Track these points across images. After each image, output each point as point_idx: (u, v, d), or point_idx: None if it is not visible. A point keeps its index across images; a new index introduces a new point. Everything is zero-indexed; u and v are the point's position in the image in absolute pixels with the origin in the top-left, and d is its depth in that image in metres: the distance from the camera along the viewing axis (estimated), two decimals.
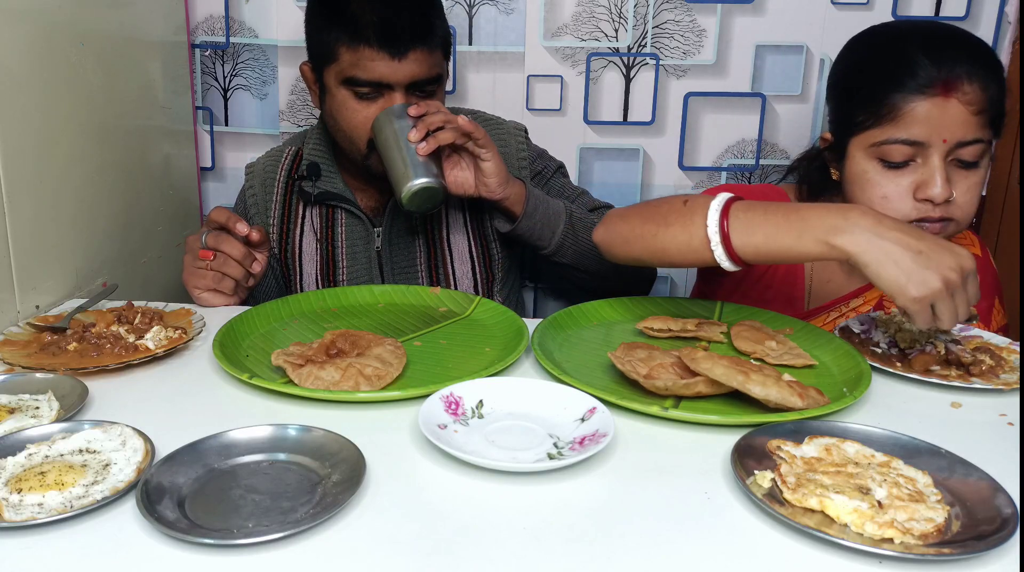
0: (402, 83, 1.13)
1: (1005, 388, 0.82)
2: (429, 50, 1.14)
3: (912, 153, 0.98)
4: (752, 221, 0.84)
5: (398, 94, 1.14)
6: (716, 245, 0.85)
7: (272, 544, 0.55)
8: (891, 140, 0.98)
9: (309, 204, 1.28)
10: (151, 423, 0.69)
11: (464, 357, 0.90)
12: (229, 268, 1.05)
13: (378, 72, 1.13)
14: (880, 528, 0.56)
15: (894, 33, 1.04)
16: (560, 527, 0.59)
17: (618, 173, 1.56)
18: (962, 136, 0.96)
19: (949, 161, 0.98)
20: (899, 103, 0.97)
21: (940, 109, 0.96)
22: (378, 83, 1.14)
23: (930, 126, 0.96)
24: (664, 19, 1.48)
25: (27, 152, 1.00)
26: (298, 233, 1.29)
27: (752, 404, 0.75)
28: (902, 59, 0.98)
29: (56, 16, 1.06)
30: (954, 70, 0.95)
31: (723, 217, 0.85)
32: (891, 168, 1.00)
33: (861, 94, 1.01)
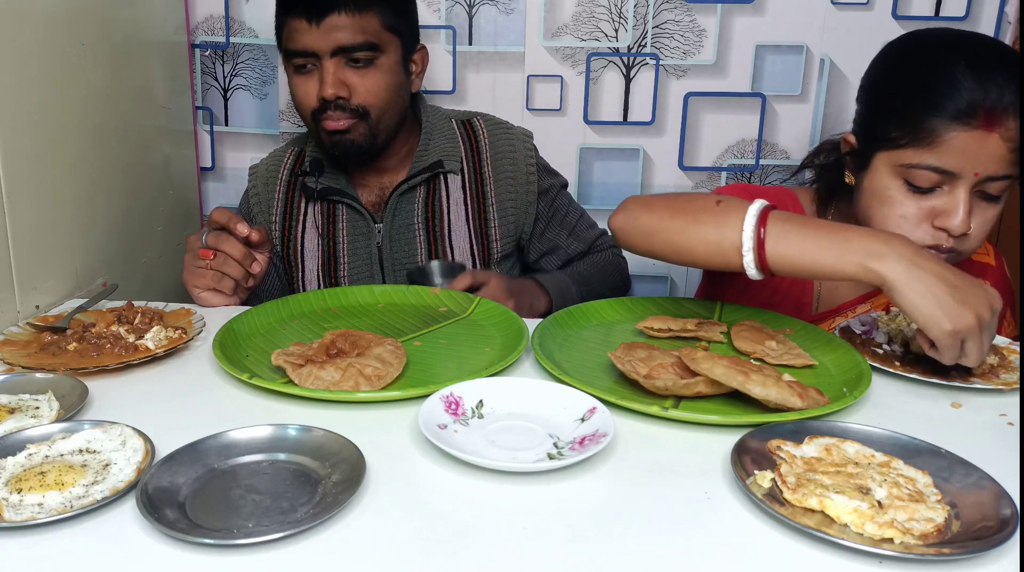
0: (325, 51, 1.14)
1: (1005, 388, 0.82)
2: (351, 14, 1.13)
3: (940, 180, 0.93)
4: (789, 233, 0.83)
5: (326, 62, 1.15)
6: (748, 251, 0.84)
7: (272, 544, 0.55)
8: (922, 165, 0.93)
9: (312, 200, 1.28)
10: (151, 423, 0.69)
11: (464, 357, 0.90)
12: (229, 268, 1.05)
13: (301, 41, 1.14)
14: (880, 528, 0.56)
15: (940, 47, 0.96)
16: (560, 527, 0.58)
17: (618, 173, 1.56)
18: (995, 171, 0.91)
19: (974, 192, 0.94)
20: (938, 129, 0.91)
21: (979, 142, 0.90)
22: (304, 52, 1.15)
23: (965, 158, 0.91)
24: (664, 19, 1.48)
25: (27, 152, 1.00)
26: (300, 230, 1.29)
27: (752, 404, 0.75)
28: (946, 79, 0.91)
29: (56, 16, 1.06)
30: (1001, 100, 0.89)
31: (760, 224, 0.83)
32: (915, 191, 0.95)
33: (897, 109, 0.95)
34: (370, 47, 1.15)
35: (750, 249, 0.83)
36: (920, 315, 0.77)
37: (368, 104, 1.18)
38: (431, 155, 1.26)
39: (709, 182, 1.56)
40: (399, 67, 1.21)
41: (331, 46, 1.14)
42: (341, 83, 1.16)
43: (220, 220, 1.06)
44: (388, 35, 1.18)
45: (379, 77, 1.18)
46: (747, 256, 0.84)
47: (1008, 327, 1.09)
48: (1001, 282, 1.09)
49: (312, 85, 1.17)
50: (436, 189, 1.27)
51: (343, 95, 1.16)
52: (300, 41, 1.14)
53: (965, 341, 0.77)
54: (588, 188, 1.58)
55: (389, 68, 1.19)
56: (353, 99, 1.17)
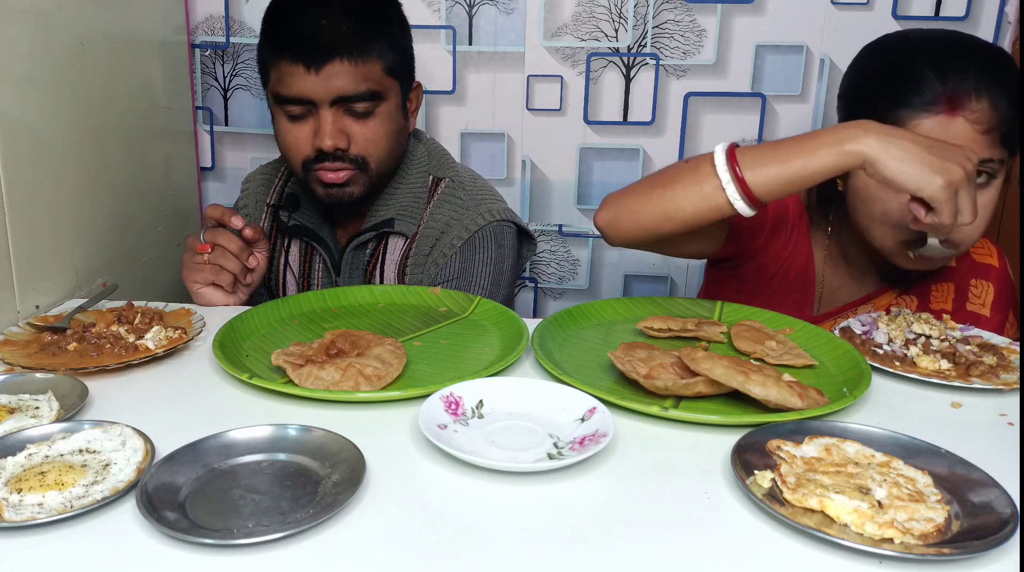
0: (324, 99, 1.06)
1: (1005, 388, 0.82)
2: (354, 62, 1.06)
3: None
4: (761, 154, 0.85)
5: (324, 111, 1.07)
6: (728, 183, 0.85)
7: (272, 544, 0.55)
8: None
9: (288, 235, 1.24)
10: (151, 423, 0.69)
11: (464, 357, 0.90)
12: (226, 261, 1.04)
13: (297, 87, 1.06)
14: (880, 528, 0.56)
15: (904, 45, 1.00)
16: (560, 527, 0.58)
17: (618, 173, 1.56)
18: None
19: None
20: (903, 119, 0.94)
21: (944, 127, 0.92)
22: (299, 100, 1.07)
23: None
24: (664, 19, 1.48)
25: (27, 152, 1.00)
26: (282, 262, 1.26)
27: (752, 404, 0.75)
28: (908, 74, 0.95)
29: (56, 16, 1.06)
30: (960, 86, 0.92)
31: (731, 160, 0.85)
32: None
33: (867, 107, 0.98)
34: (372, 96, 1.08)
35: (730, 181, 0.85)
36: (909, 178, 0.78)
37: (368, 154, 1.11)
38: (388, 210, 1.19)
39: None
40: (399, 111, 1.15)
41: (331, 95, 1.06)
42: (340, 133, 1.08)
43: (215, 215, 1.05)
44: (389, 80, 1.11)
45: (380, 125, 1.11)
46: (729, 188, 0.85)
47: (1011, 329, 1.09)
48: (1005, 282, 1.09)
49: (305, 132, 1.09)
50: (381, 244, 1.20)
51: (342, 146, 1.09)
52: (295, 87, 1.06)
53: (959, 193, 0.77)
54: (588, 188, 1.58)
55: (390, 115, 1.12)
56: (352, 149, 1.10)
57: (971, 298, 1.07)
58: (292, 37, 1.07)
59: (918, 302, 1.09)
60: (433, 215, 1.19)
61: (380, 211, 1.19)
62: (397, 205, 1.19)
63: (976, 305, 1.05)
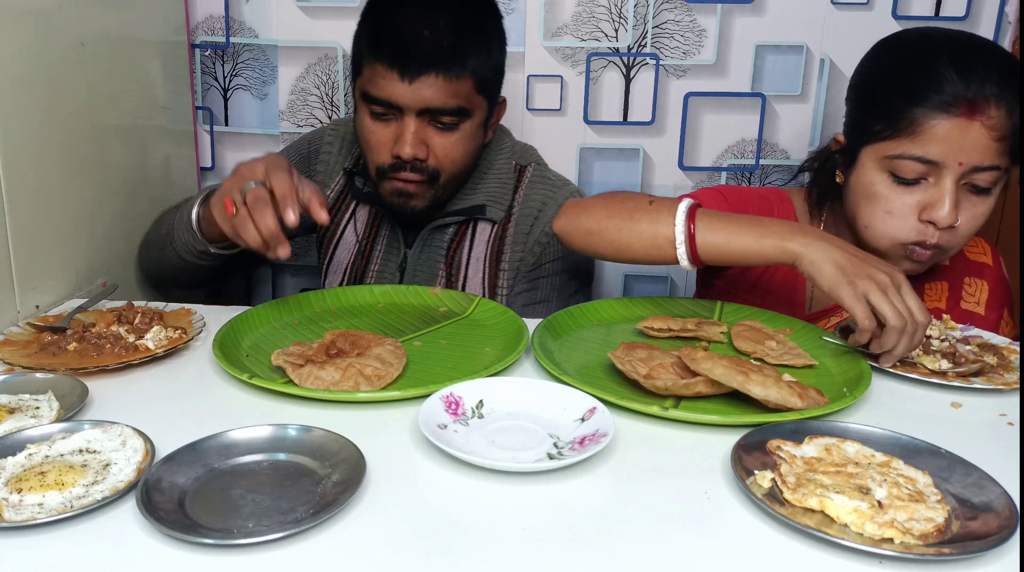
0: (412, 108, 1.07)
1: (1005, 388, 0.82)
2: (448, 78, 1.06)
3: (925, 171, 0.95)
4: (716, 224, 0.91)
5: (409, 119, 1.08)
6: (681, 243, 0.91)
7: (272, 544, 0.55)
8: (905, 155, 0.95)
9: (358, 201, 1.25)
10: (151, 423, 0.69)
11: (464, 357, 0.90)
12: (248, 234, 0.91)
13: (387, 91, 1.06)
14: (880, 528, 0.56)
15: (924, 42, 0.99)
16: (560, 527, 0.59)
17: (618, 173, 1.56)
18: (979, 161, 0.93)
19: (961, 185, 0.95)
20: (919, 118, 0.93)
21: (961, 131, 0.92)
22: (388, 103, 1.08)
23: (948, 146, 0.92)
24: (664, 19, 1.48)
25: (27, 152, 1.00)
26: (344, 220, 1.27)
27: (752, 404, 0.75)
28: (928, 71, 0.94)
29: (56, 16, 1.06)
30: (982, 91, 0.91)
31: (689, 219, 0.91)
32: (901, 184, 0.97)
33: (881, 102, 0.98)
34: (459, 112, 1.09)
35: (682, 242, 0.91)
36: (822, 277, 0.84)
37: (443, 167, 1.12)
38: (476, 197, 1.21)
39: (709, 182, 1.56)
40: (480, 129, 1.15)
41: (419, 105, 1.06)
42: (421, 143, 1.09)
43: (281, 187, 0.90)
44: (478, 98, 1.11)
45: (460, 141, 1.11)
46: (680, 248, 0.91)
47: (1007, 327, 1.09)
48: (999, 282, 1.10)
49: (387, 135, 1.10)
50: (466, 229, 1.23)
51: (422, 156, 1.09)
52: (385, 91, 1.06)
53: (870, 299, 0.81)
54: (588, 188, 1.58)
55: (472, 133, 1.13)
56: (429, 160, 1.11)
57: (965, 297, 1.07)
58: (391, 41, 1.06)
59: None
60: (528, 197, 1.22)
61: (467, 197, 1.21)
62: (485, 191, 1.22)
63: (971, 303, 1.06)
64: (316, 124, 1.56)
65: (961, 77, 0.92)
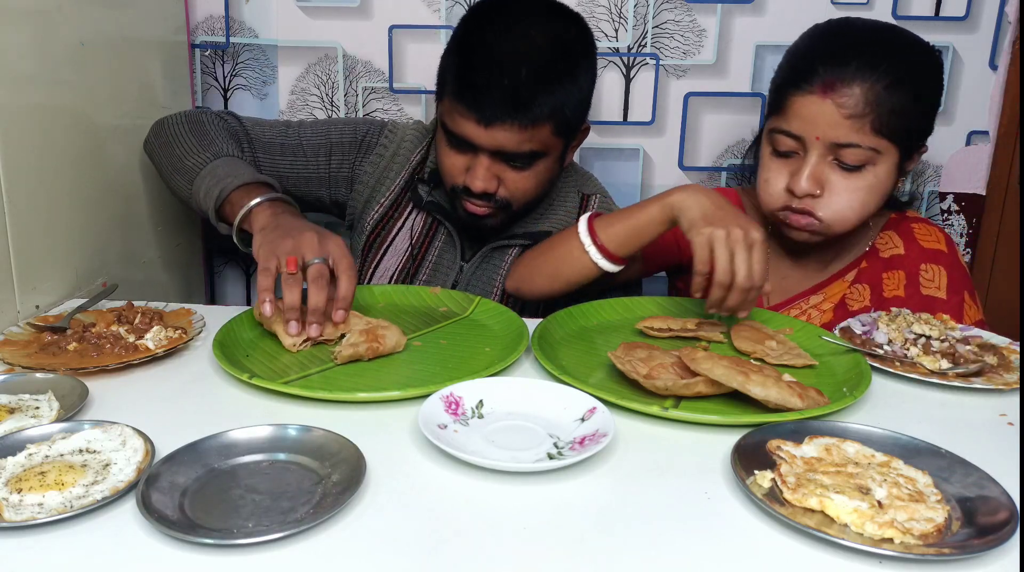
0: (487, 149, 1.08)
1: (1005, 388, 0.82)
2: (523, 125, 1.05)
3: (795, 146, 1.04)
4: (611, 218, 1.02)
5: (483, 157, 1.09)
6: (590, 246, 1.01)
7: (272, 544, 0.55)
8: (777, 130, 1.06)
9: (418, 207, 1.24)
10: (151, 423, 0.69)
11: (464, 357, 0.89)
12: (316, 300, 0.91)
13: (463, 129, 1.07)
14: (880, 528, 0.56)
15: (821, 31, 1.08)
16: (560, 527, 0.59)
17: (618, 173, 1.56)
18: (834, 137, 1.00)
19: (830, 161, 1.03)
20: (787, 96, 1.04)
21: (816, 107, 1.01)
22: (463, 140, 1.08)
23: (806, 122, 1.02)
24: (664, 19, 1.48)
25: (27, 152, 1.00)
26: (398, 226, 1.25)
27: (752, 404, 0.75)
28: (803, 54, 1.06)
29: (56, 16, 1.06)
30: (838, 71, 0.99)
31: (589, 224, 1.02)
32: (778, 156, 1.07)
33: (775, 88, 1.09)
34: (532, 155, 1.09)
35: (590, 243, 1.01)
36: (685, 218, 0.94)
37: (512, 199, 1.13)
38: (543, 224, 1.22)
39: (709, 182, 1.56)
40: (556, 164, 1.15)
41: (493, 147, 1.07)
42: (493, 178, 1.10)
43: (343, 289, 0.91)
44: (555, 140, 1.10)
45: (533, 178, 1.12)
46: (591, 250, 1.01)
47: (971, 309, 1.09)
48: (955, 267, 1.11)
49: (462, 163, 1.11)
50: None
51: (491, 190, 1.10)
52: (462, 128, 1.07)
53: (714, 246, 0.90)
54: None
55: (546, 169, 1.13)
56: (500, 193, 1.11)
57: (924, 282, 1.10)
58: (471, 86, 1.06)
59: (871, 291, 1.12)
60: None
61: (535, 223, 1.23)
62: (553, 218, 1.23)
63: (931, 289, 1.09)
64: None
65: (823, 59, 1.01)
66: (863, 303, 1.11)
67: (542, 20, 1.09)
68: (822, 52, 1.03)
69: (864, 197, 1.04)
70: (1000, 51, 1.45)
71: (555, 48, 1.08)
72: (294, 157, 1.24)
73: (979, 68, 1.46)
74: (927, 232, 1.14)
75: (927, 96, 1.04)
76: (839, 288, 1.14)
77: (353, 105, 1.54)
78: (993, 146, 1.50)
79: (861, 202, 1.04)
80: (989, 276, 1.56)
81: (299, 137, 1.25)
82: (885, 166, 1.03)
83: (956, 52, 1.46)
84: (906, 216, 1.17)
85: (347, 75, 1.53)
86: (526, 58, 1.05)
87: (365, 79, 1.53)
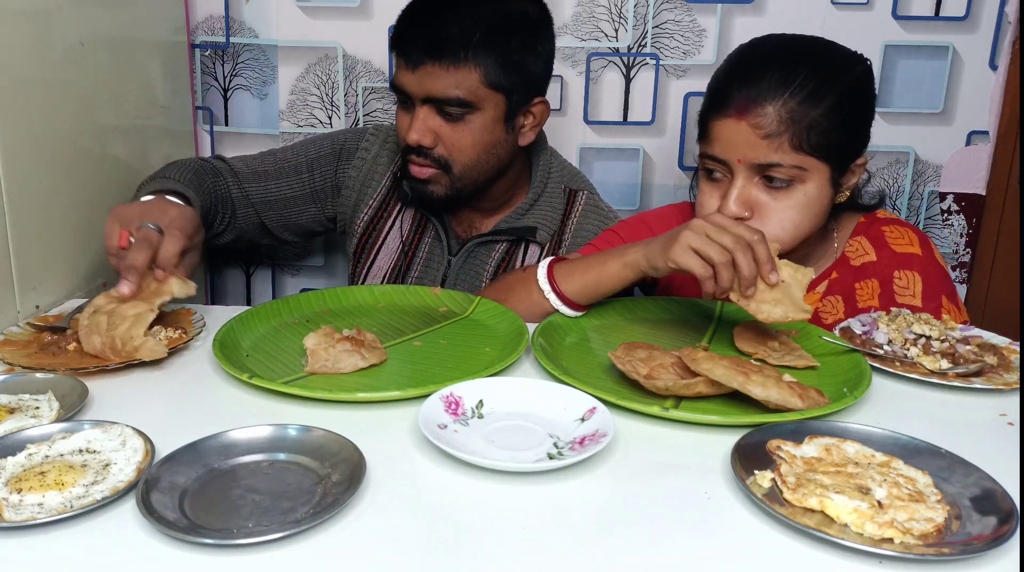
0: (418, 96, 1.11)
1: (1005, 388, 0.82)
2: (447, 66, 1.08)
3: (722, 169, 1.03)
4: (571, 268, 1.01)
5: (418, 108, 1.11)
6: (549, 293, 1.00)
7: (272, 544, 0.55)
8: (704, 154, 1.05)
9: (404, 203, 1.27)
10: (151, 423, 0.69)
11: (464, 357, 0.89)
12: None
13: (397, 78, 1.12)
14: (880, 528, 0.56)
15: (737, 52, 1.07)
16: (560, 527, 0.59)
17: (618, 173, 1.56)
18: (754, 158, 0.98)
19: (756, 182, 1.01)
20: (709, 122, 1.03)
21: (733, 130, 0.99)
22: (398, 90, 1.12)
23: (725, 146, 1.00)
24: (664, 19, 1.48)
25: (27, 152, 1.00)
26: (387, 225, 1.28)
27: (752, 404, 0.75)
28: (719, 79, 1.04)
29: (56, 16, 1.06)
30: (750, 93, 0.98)
31: (550, 274, 1.01)
32: (710, 181, 1.05)
33: (701, 115, 1.06)
34: (461, 103, 1.10)
35: (551, 291, 1.00)
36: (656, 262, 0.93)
37: (451, 158, 1.14)
38: (527, 219, 1.23)
39: None
40: (497, 125, 1.15)
41: (423, 93, 1.10)
42: (428, 131, 1.12)
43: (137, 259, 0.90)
44: (488, 92, 1.11)
45: (468, 134, 1.13)
46: (551, 297, 1.00)
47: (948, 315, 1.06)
48: (930, 268, 1.08)
49: (406, 122, 1.14)
50: (516, 250, 1.24)
51: (426, 144, 1.12)
52: (398, 78, 1.12)
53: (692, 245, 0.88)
54: None
55: (483, 126, 1.13)
56: (437, 149, 1.13)
57: (898, 290, 1.07)
58: (402, 31, 1.12)
59: (844, 302, 1.09)
60: (580, 226, 1.25)
61: (519, 217, 1.24)
62: (538, 214, 1.24)
63: (906, 297, 1.06)
64: (316, 124, 1.56)
65: (737, 81, 1.00)
66: (837, 316, 1.08)
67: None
68: (736, 73, 1.02)
69: (795, 216, 1.01)
70: (1000, 51, 1.45)
71: (490, 6, 1.11)
72: (277, 180, 1.28)
73: (979, 68, 1.46)
74: (899, 234, 1.10)
75: (851, 107, 1.00)
76: (811, 301, 1.11)
77: (353, 105, 1.55)
78: (993, 146, 1.50)
79: (793, 222, 1.01)
80: (989, 276, 1.56)
81: (279, 161, 1.29)
82: (815, 183, 1.00)
83: (956, 52, 1.46)
84: (876, 218, 1.12)
85: (347, 75, 1.53)
86: (453, 5, 1.10)
87: (365, 79, 1.53)
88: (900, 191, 1.54)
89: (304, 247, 1.64)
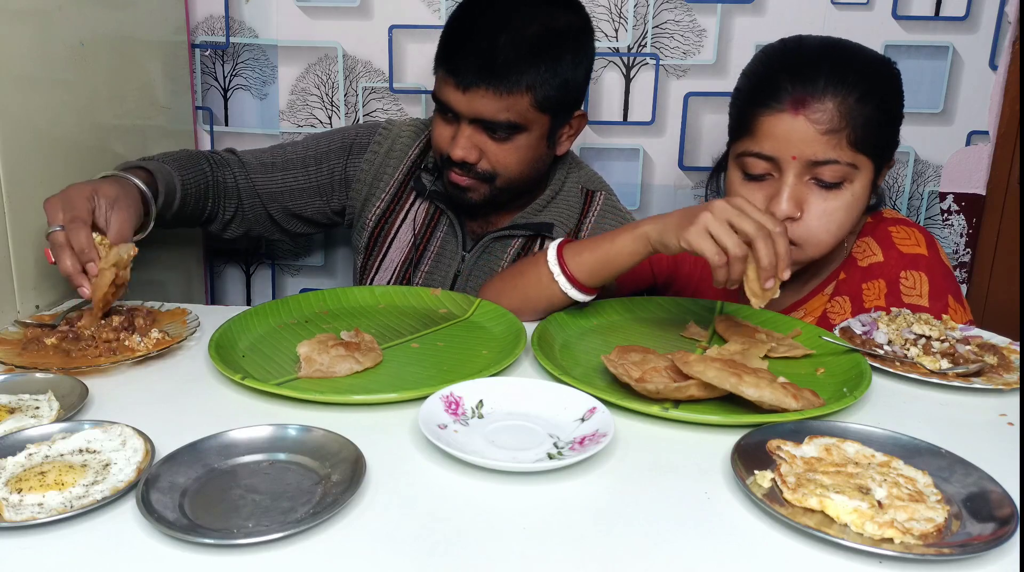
0: (466, 115, 1.11)
1: (1005, 388, 0.82)
2: (499, 93, 1.08)
3: (768, 167, 1.00)
4: (581, 247, 0.99)
5: (464, 126, 1.12)
6: (559, 275, 0.98)
7: (272, 544, 0.55)
8: (748, 153, 1.00)
9: (421, 197, 1.27)
10: (151, 423, 0.69)
11: (463, 358, 0.89)
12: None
13: (446, 96, 1.11)
14: (880, 528, 0.56)
15: (777, 49, 1.05)
16: (560, 527, 0.59)
17: (618, 173, 1.56)
18: (812, 155, 0.96)
19: (807, 180, 0.98)
20: (756, 117, 0.99)
21: (788, 126, 0.96)
22: (447, 108, 1.12)
23: (778, 142, 0.97)
24: (664, 19, 1.48)
25: (27, 152, 1.00)
26: (399, 219, 1.28)
27: (751, 404, 0.75)
28: (765, 74, 1.01)
29: (56, 16, 1.06)
30: (807, 88, 0.96)
31: (559, 254, 0.99)
32: (750, 180, 1.02)
33: (734, 106, 1.05)
34: (511, 127, 1.11)
35: (559, 273, 0.98)
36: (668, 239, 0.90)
37: (496, 172, 1.15)
38: (544, 215, 1.24)
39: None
40: (541, 142, 1.16)
41: (472, 114, 1.10)
42: (473, 148, 1.12)
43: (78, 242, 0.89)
44: (536, 114, 1.12)
45: (514, 152, 1.14)
46: (560, 279, 0.98)
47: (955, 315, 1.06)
48: (936, 269, 1.08)
49: (449, 133, 1.14)
50: (531, 246, 1.24)
51: (471, 160, 1.13)
52: (444, 95, 1.12)
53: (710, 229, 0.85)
54: None
55: (528, 145, 1.14)
56: (481, 164, 1.14)
57: (905, 291, 1.06)
58: (453, 50, 1.10)
59: (852, 303, 1.09)
60: (598, 225, 1.25)
61: (536, 213, 1.24)
62: (555, 211, 1.24)
63: (912, 297, 1.05)
64: (316, 124, 1.56)
65: (789, 76, 0.97)
66: (844, 317, 1.07)
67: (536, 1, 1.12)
68: (786, 69, 0.99)
69: (841, 217, 1.00)
70: (1000, 51, 1.45)
71: (539, 24, 1.10)
72: (283, 172, 1.28)
73: (979, 68, 1.46)
74: (905, 235, 1.10)
75: (893, 108, 1.01)
76: (819, 302, 1.11)
77: (353, 105, 1.55)
78: (993, 146, 1.50)
79: (838, 223, 1.00)
80: (989, 276, 1.56)
81: (287, 154, 1.29)
82: (861, 182, 0.99)
83: (956, 52, 1.46)
84: (883, 218, 1.12)
85: (347, 75, 1.53)
86: (506, 27, 1.09)
87: (365, 79, 1.53)
88: (900, 191, 1.54)
89: (305, 246, 1.64)
